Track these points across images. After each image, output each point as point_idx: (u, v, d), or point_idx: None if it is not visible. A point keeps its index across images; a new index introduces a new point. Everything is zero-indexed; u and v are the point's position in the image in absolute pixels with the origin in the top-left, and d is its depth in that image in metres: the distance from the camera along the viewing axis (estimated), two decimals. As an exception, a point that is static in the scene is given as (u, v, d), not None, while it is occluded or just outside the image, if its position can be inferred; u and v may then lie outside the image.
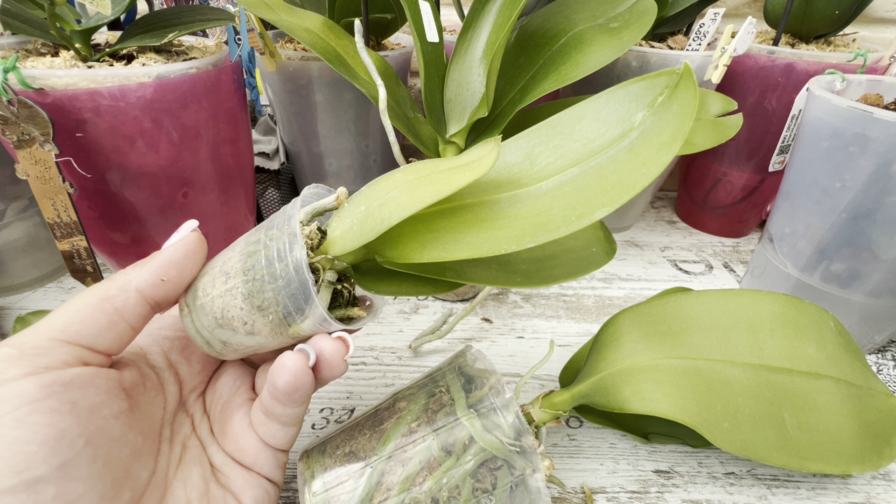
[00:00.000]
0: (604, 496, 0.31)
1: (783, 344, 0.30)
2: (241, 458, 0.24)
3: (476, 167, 0.19)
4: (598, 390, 0.27)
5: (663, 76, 0.19)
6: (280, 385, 0.21)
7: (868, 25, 0.64)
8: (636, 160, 0.19)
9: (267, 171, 0.55)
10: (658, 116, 0.19)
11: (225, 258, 0.22)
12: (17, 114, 0.28)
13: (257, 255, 0.20)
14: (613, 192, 0.18)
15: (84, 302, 0.19)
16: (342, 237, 0.20)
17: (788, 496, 0.31)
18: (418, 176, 0.20)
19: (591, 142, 0.20)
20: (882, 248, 0.35)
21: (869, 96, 0.40)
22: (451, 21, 0.67)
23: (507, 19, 0.36)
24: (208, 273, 0.22)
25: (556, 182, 0.20)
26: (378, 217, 0.19)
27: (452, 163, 0.20)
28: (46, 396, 0.17)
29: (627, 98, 0.20)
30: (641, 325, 0.30)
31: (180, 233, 0.22)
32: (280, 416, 0.23)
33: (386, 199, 0.19)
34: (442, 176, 0.19)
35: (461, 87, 0.38)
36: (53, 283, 0.48)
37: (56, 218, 0.32)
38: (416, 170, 0.21)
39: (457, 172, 0.19)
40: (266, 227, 0.21)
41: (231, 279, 0.21)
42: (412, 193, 0.19)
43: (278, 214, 0.22)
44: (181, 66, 0.33)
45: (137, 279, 0.20)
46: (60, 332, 0.18)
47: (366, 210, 0.20)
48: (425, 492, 0.23)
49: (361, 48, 0.34)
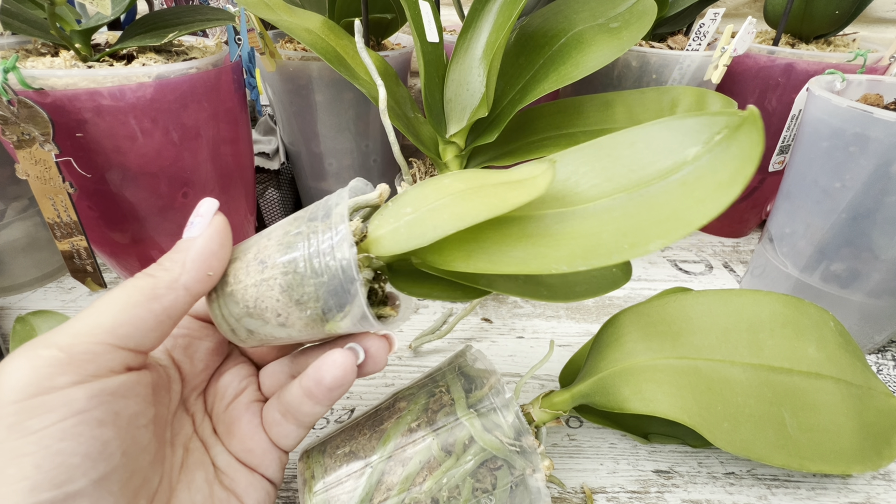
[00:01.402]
0: (604, 496, 0.31)
1: (783, 344, 0.30)
2: (247, 460, 0.23)
3: (531, 187, 0.18)
4: (598, 390, 0.27)
5: (723, 116, 0.19)
6: (328, 381, 0.21)
7: (868, 25, 0.64)
8: (690, 196, 0.18)
9: (267, 171, 0.55)
10: (714, 155, 0.18)
11: (260, 245, 0.21)
12: (17, 114, 0.28)
13: (299, 247, 0.20)
14: (667, 225, 0.18)
15: (132, 301, 0.18)
16: (388, 239, 0.20)
17: (788, 496, 0.31)
18: (469, 186, 0.19)
19: (641, 169, 0.20)
20: (882, 248, 0.35)
21: (869, 96, 0.40)
22: (451, 21, 0.67)
23: (507, 19, 0.36)
24: (240, 259, 0.21)
25: (605, 205, 0.19)
26: (429, 224, 0.18)
27: (505, 177, 0.20)
28: (95, 407, 0.16)
29: (682, 131, 0.19)
30: (641, 326, 0.30)
31: (204, 217, 0.20)
32: (305, 414, 0.22)
33: (436, 206, 0.19)
34: (495, 191, 0.19)
35: (461, 87, 0.38)
36: (53, 283, 0.48)
37: (56, 218, 0.32)
38: (465, 178, 0.20)
39: (511, 189, 0.18)
40: (308, 217, 0.21)
41: (268, 269, 0.20)
42: (465, 204, 0.18)
43: (320, 205, 0.21)
44: (181, 66, 0.33)
45: (185, 277, 0.19)
46: (111, 336, 0.17)
47: (413, 214, 0.19)
48: (425, 492, 0.23)
49: (361, 48, 0.34)
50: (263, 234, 0.21)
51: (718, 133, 0.18)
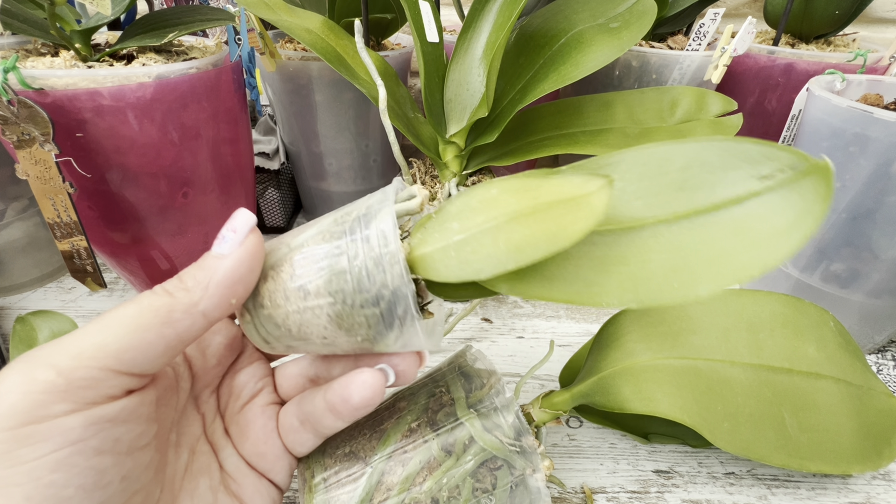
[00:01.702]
0: (604, 496, 0.31)
1: (783, 344, 0.30)
2: (258, 463, 0.23)
3: (588, 211, 0.16)
4: (599, 390, 0.27)
5: (788, 154, 0.16)
6: (355, 400, 0.20)
7: (868, 25, 0.64)
8: (744, 237, 0.16)
9: (267, 171, 0.55)
10: (776, 195, 0.16)
11: (295, 265, 0.19)
12: (17, 114, 0.28)
13: (347, 279, 0.18)
14: (719, 268, 0.16)
15: (143, 323, 0.16)
16: (437, 262, 0.18)
17: (788, 496, 0.31)
18: (523, 206, 0.17)
19: (692, 194, 0.17)
20: (882, 248, 0.35)
21: (869, 96, 0.40)
22: (451, 21, 0.67)
23: (507, 19, 0.36)
24: (272, 279, 0.19)
25: (652, 232, 0.17)
26: (483, 253, 0.17)
27: (556, 190, 0.17)
28: (92, 435, 0.15)
29: (740, 157, 0.17)
30: (641, 325, 0.30)
31: (237, 233, 0.18)
32: (325, 427, 0.22)
33: (488, 228, 0.17)
34: (553, 216, 0.16)
35: (461, 87, 0.38)
36: (53, 283, 0.48)
37: (56, 218, 0.32)
38: (515, 191, 0.18)
39: (569, 212, 0.16)
40: (347, 229, 0.18)
41: (311, 297, 0.18)
42: (522, 232, 0.16)
43: (359, 216, 0.19)
44: (181, 66, 0.33)
45: (206, 303, 0.17)
46: (115, 361, 0.16)
47: (462, 234, 0.17)
48: (425, 492, 0.23)
49: (361, 48, 0.34)
50: (294, 247, 0.19)
51: (781, 171, 0.16)
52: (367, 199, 0.20)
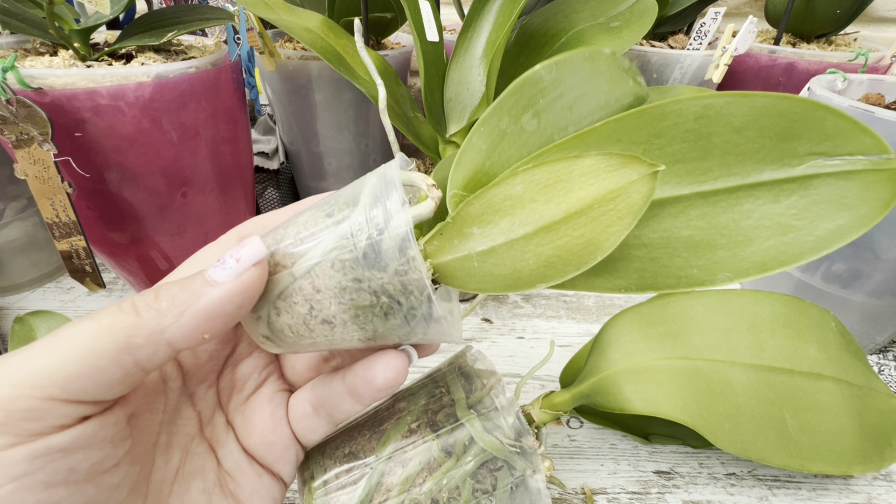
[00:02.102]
0: (604, 497, 0.30)
1: (784, 344, 0.30)
2: (265, 454, 0.22)
3: (627, 209, 0.14)
4: (599, 391, 0.27)
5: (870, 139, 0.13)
6: (379, 381, 0.19)
7: (869, 25, 0.64)
8: (789, 219, 0.14)
9: (266, 171, 0.55)
10: (844, 180, 0.14)
11: (312, 301, 0.17)
12: (15, 113, 0.28)
13: (374, 310, 0.17)
14: (749, 254, 0.14)
15: (97, 348, 0.14)
16: (459, 271, 0.17)
17: (789, 497, 0.31)
18: (553, 212, 0.15)
19: (735, 169, 0.15)
20: (883, 249, 0.35)
21: (870, 96, 0.40)
22: (451, 20, 0.67)
23: (507, 18, 0.36)
24: (289, 313, 0.17)
25: (684, 207, 0.15)
26: (509, 268, 0.16)
27: (589, 185, 0.15)
28: (38, 469, 0.14)
29: (800, 123, 0.14)
30: (642, 326, 0.29)
31: (241, 263, 0.16)
32: (342, 411, 0.21)
33: (513, 239, 0.15)
34: (586, 220, 0.15)
35: (461, 87, 0.38)
36: (52, 284, 0.48)
37: (55, 218, 0.32)
38: (544, 189, 0.15)
39: (605, 212, 0.14)
40: (362, 258, 0.17)
41: (339, 328, 0.17)
42: (553, 246, 0.15)
43: (372, 243, 0.17)
44: (180, 66, 0.33)
45: (174, 331, 0.15)
46: (61, 390, 0.14)
47: (484, 242, 0.16)
48: (425, 493, 0.23)
49: (361, 47, 0.34)
50: (299, 275, 0.17)
51: (842, 157, 0.14)
52: (370, 200, 0.17)
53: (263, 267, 0.16)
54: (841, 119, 0.13)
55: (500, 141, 0.17)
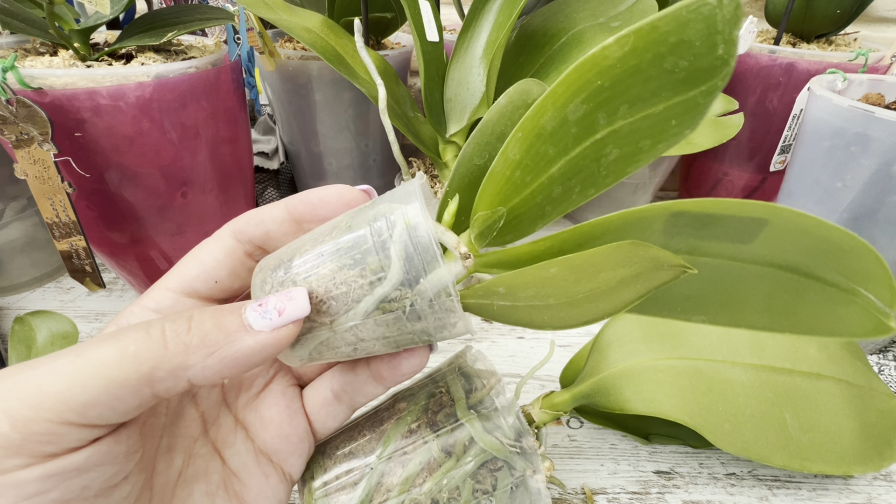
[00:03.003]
0: (604, 497, 0.30)
1: (784, 344, 0.30)
2: (281, 448, 0.22)
3: (645, 285, 0.14)
4: (599, 391, 0.27)
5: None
6: (405, 367, 0.20)
7: (869, 25, 0.64)
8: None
9: (266, 171, 0.55)
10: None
11: (354, 341, 0.18)
12: (15, 113, 0.28)
13: (405, 334, 0.18)
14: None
15: (118, 378, 0.14)
16: (477, 309, 0.18)
17: (790, 497, 0.31)
18: (577, 291, 0.15)
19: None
20: (883, 248, 0.35)
21: (870, 96, 0.40)
22: (451, 20, 0.67)
23: (507, 18, 0.36)
24: (332, 351, 0.18)
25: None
26: (525, 320, 0.17)
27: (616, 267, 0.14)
28: (52, 488, 0.14)
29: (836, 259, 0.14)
30: (642, 326, 0.29)
31: (284, 316, 0.16)
32: (364, 395, 0.22)
33: (536, 306, 0.16)
34: (604, 299, 0.15)
35: (461, 87, 0.38)
36: (52, 284, 0.48)
37: (55, 218, 0.32)
38: (576, 268, 0.15)
39: (621, 292, 0.15)
40: (407, 315, 0.17)
41: (368, 349, 0.18)
42: (565, 313, 0.16)
43: (415, 305, 0.17)
44: (180, 66, 0.33)
45: (197, 371, 0.15)
46: (77, 416, 0.14)
47: (507, 300, 0.17)
48: (425, 493, 0.23)
49: (361, 47, 0.34)
50: (341, 331, 0.17)
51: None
52: (404, 261, 0.17)
53: (300, 324, 0.16)
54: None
55: (536, 140, 0.16)
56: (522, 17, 0.44)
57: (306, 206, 0.20)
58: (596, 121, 0.14)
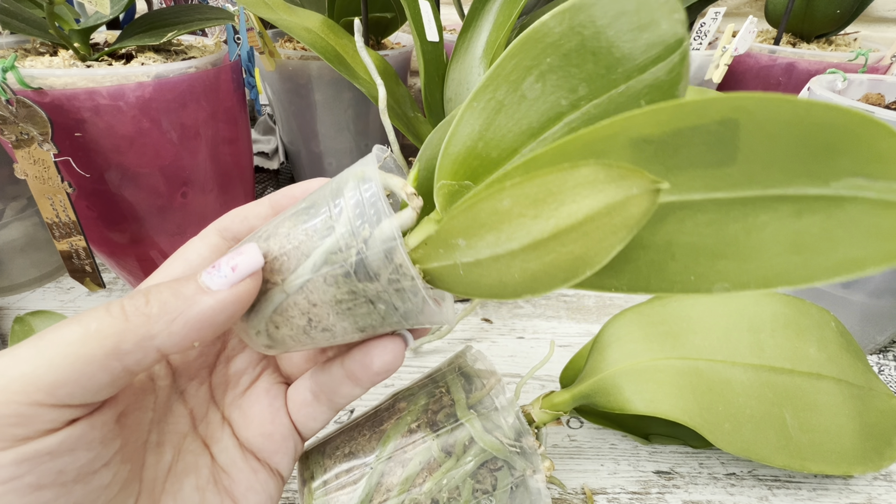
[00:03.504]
0: (604, 497, 0.30)
1: (784, 344, 0.30)
2: (264, 446, 0.22)
3: (623, 224, 0.13)
4: (599, 391, 0.27)
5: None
6: (377, 365, 0.19)
7: (869, 25, 0.64)
8: (807, 235, 0.12)
9: (266, 171, 0.55)
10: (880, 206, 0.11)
11: (310, 314, 0.17)
12: (15, 113, 0.28)
13: (373, 315, 0.17)
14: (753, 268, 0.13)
15: (85, 354, 0.14)
16: (445, 278, 0.17)
17: (790, 497, 0.31)
18: (541, 228, 0.14)
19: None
20: (883, 248, 0.35)
21: (870, 96, 0.40)
22: (451, 20, 0.67)
23: (507, 18, 0.36)
24: (288, 325, 0.18)
25: (691, 212, 0.14)
26: (494, 279, 0.15)
27: (581, 200, 0.13)
28: (26, 472, 0.14)
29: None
30: (642, 326, 0.29)
31: (237, 271, 0.16)
32: (341, 395, 0.21)
33: (500, 254, 0.14)
34: (576, 236, 0.13)
35: (461, 87, 0.38)
36: (52, 284, 0.48)
37: (55, 218, 0.32)
38: (533, 204, 0.14)
39: (597, 228, 0.13)
40: (353, 268, 0.17)
41: (339, 334, 0.18)
42: (540, 262, 0.14)
43: (361, 256, 0.16)
44: (180, 66, 0.33)
45: (163, 338, 0.15)
46: (46, 395, 0.14)
47: (470, 255, 0.15)
48: (425, 493, 0.23)
49: (361, 47, 0.34)
50: (292, 291, 0.17)
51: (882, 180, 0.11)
52: (352, 209, 0.17)
53: (258, 277, 0.16)
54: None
55: (496, 115, 0.16)
56: (522, 17, 0.44)
57: (289, 199, 0.20)
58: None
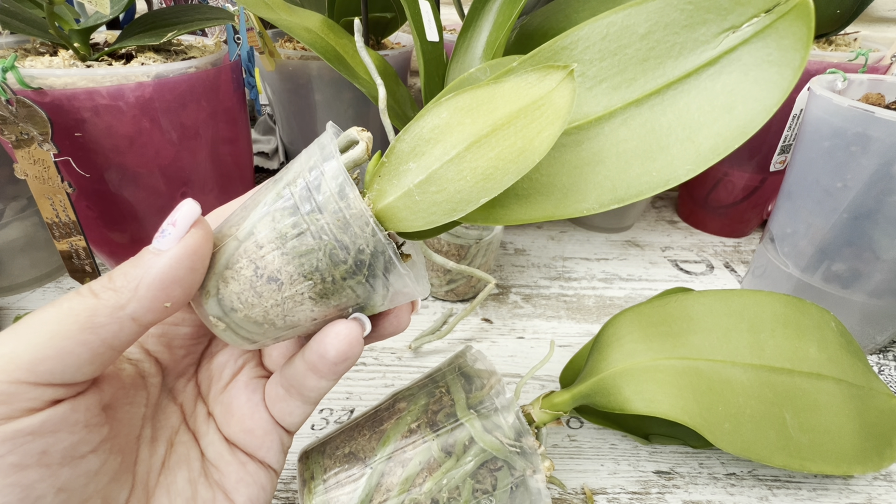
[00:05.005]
0: (604, 497, 0.30)
1: (784, 344, 0.30)
2: (246, 442, 0.22)
3: (553, 113, 0.14)
4: (599, 391, 0.27)
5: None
6: (332, 355, 0.19)
7: (869, 24, 0.64)
8: (718, 104, 0.15)
9: (266, 171, 0.55)
10: (746, 50, 0.14)
11: (256, 259, 0.17)
12: (15, 113, 0.28)
13: (317, 255, 0.17)
14: (696, 145, 0.15)
15: (61, 330, 0.15)
16: (404, 212, 0.17)
17: (790, 497, 0.31)
18: (480, 126, 0.15)
19: (657, 68, 0.15)
20: (883, 248, 0.35)
21: (870, 96, 0.40)
22: (451, 20, 0.67)
23: (507, 18, 0.36)
24: (236, 279, 0.17)
25: (622, 119, 0.16)
26: (451, 191, 0.16)
27: (512, 98, 0.15)
28: (7, 452, 0.14)
29: (705, 9, 0.15)
30: (642, 326, 0.29)
31: (178, 227, 0.16)
32: (310, 389, 0.20)
33: (450, 159, 0.16)
34: (515, 129, 0.15)
35: (461, 87, 0.38)
36: (52, 284, 0.48)
37: (55, 218, 0.32)
38: (469, 111, 0.16)
39: (532, 120, 0.15)
40: (298, 203, 0.17)
41: (287, 287, 0.17)
42: (488, 156, 0.15)
43: (307, 186, 0.17)
44: (180, 66, 0.33)
45: (134, 305, 0.15)
46: (28, 373, 0.14)
47: (421, 173, 0.16)
48: (425, 493, 0.23)
49: (361, 47, 0.34)
50: (243, 238, 0.17)
51: (754, 18, 0.14)
52: (305, 160, 0.18)
53: (205, 227, 0.17)
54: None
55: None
56: (522, 17, 0.44)
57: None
58: None
